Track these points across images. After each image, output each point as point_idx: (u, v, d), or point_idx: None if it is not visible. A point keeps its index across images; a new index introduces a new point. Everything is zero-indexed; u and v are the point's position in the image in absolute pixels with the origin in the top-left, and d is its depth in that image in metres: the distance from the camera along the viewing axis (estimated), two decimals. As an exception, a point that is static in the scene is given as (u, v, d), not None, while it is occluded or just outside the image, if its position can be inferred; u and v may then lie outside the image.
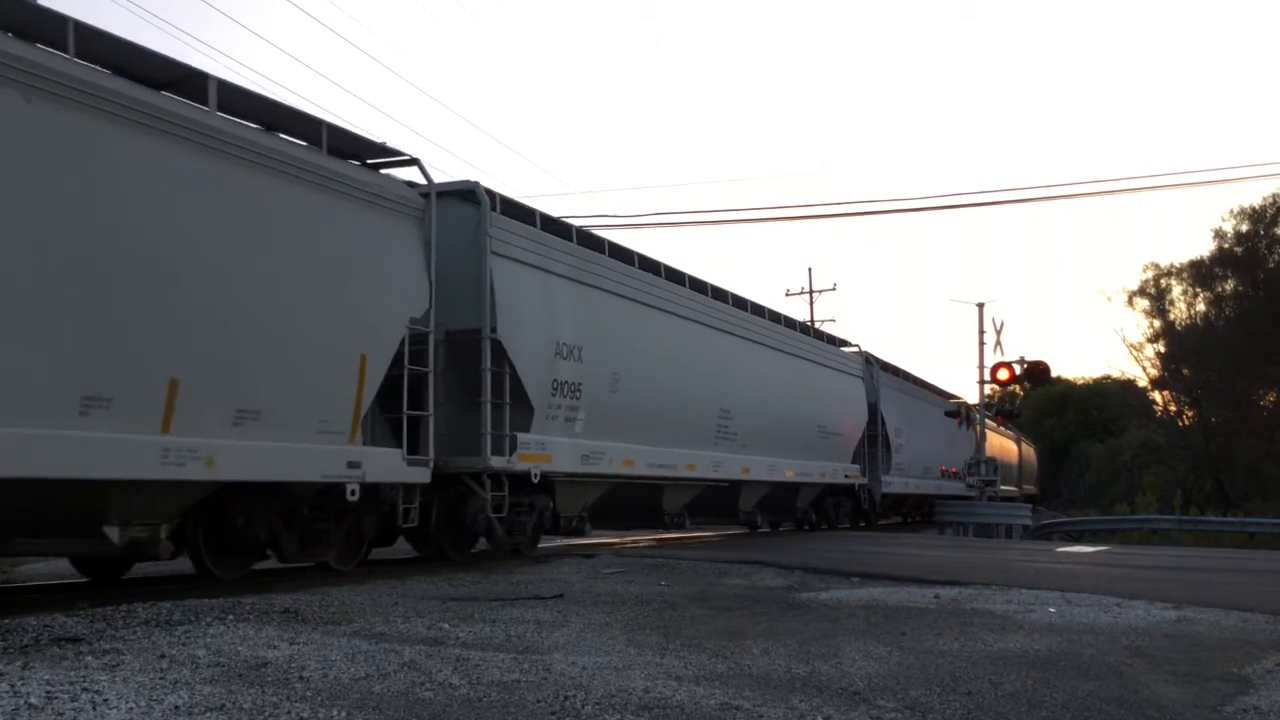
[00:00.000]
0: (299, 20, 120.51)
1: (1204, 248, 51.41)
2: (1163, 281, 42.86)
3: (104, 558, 9.29)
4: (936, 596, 9.09)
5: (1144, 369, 46.77)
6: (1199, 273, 41.26)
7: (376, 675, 5.00)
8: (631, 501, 14.76)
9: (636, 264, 14.42)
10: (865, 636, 6.72)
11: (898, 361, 27.79)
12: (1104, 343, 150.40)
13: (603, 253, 13.66)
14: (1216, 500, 37.13)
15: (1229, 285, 40.50)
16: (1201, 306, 41.97)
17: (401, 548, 12.03)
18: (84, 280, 7.18)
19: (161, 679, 4.65)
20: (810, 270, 77.96)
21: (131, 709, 4.09)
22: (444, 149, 53.42)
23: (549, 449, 12.06)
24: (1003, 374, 28.25)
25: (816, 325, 32.31)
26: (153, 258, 7.68)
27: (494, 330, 11.18)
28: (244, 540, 9.24)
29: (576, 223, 13.33)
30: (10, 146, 6.83)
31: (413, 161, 10.59)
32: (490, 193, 11.49)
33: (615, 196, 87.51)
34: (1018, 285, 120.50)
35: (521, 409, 11.57)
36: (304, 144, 9.40)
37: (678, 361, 15.00)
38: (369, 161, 10.32)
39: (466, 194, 11.38)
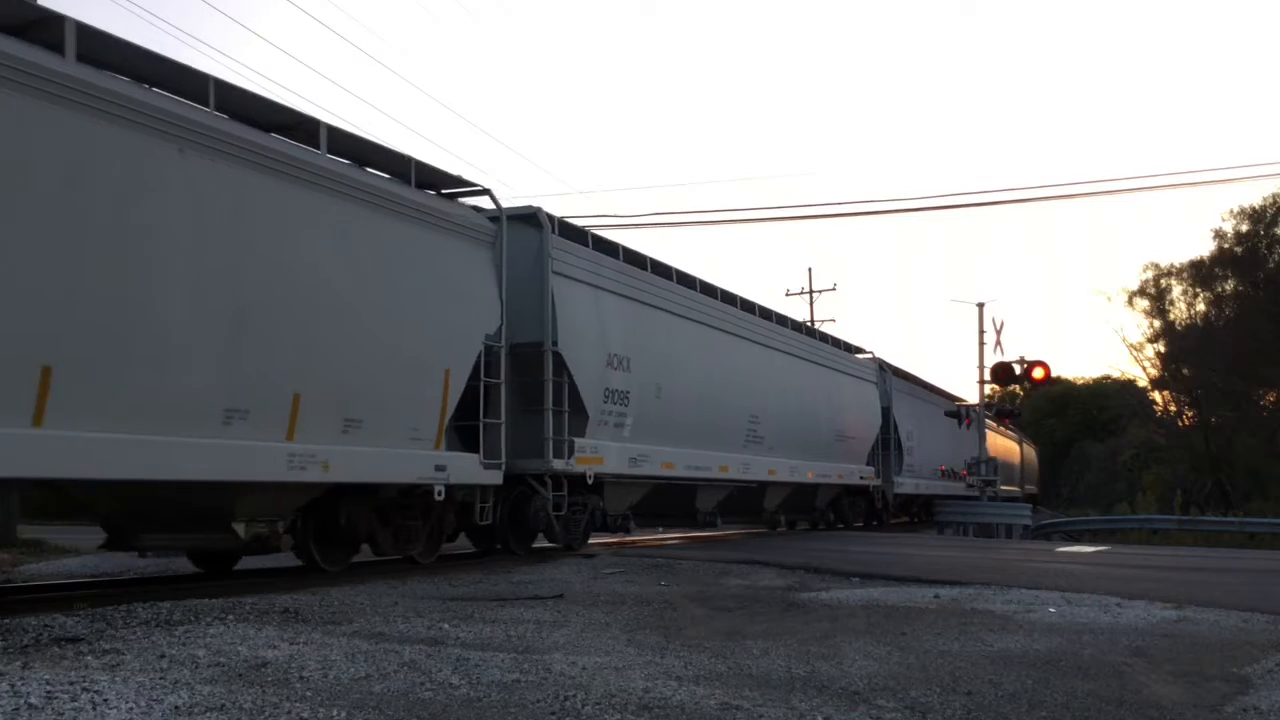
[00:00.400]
0: (299, 20, 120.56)
1: (1204, 248, 51.41)
2: (1163, 281, 42.86)
3: (227, 551, 10.18)
4: (936, 596, 9.09)
5: (1144, 369, 46.78)
6: (1199, 273, 41.24)
7: (376, 675, 5.00)
8: (669, 501, 15.76)
9: (674, 279, 15.47)
10: (865, 636, 6.72)
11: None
12: (1104, 343, 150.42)
13: (645, 269, 14.69)
14: (1216, 500, 37.12)
15: (1229, 285, 40.48)
16: (1201, 306, 41.96)
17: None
18: (229, 309, 8.23)
19: (161, 679, 4.65)
20: (810, 270, 78.12)
21: (131, 709, 4.09)
22: (444, 149, 53.48)
23: (601, 452, 13.11)
24: (1003, 374, 28.25)
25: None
26: (281, 287, 8.70)
27: (555, 343, 12.24)
28: (346, 536, 10.23)
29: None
30: (168, 195, 7.79)
31: (485, 191, 11.70)
32: (550, 216, 12.56)
33: (615, 196, 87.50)
34: (1018, 285, 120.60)
35: (577, 415, 12.65)
36: (392, 177, 10.38)
37: (712, 370, 16.08)
38: (444, 191, 11.29)
39: (529, 218, 12.39)
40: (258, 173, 8.50)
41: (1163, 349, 43.59)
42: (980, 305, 31.49)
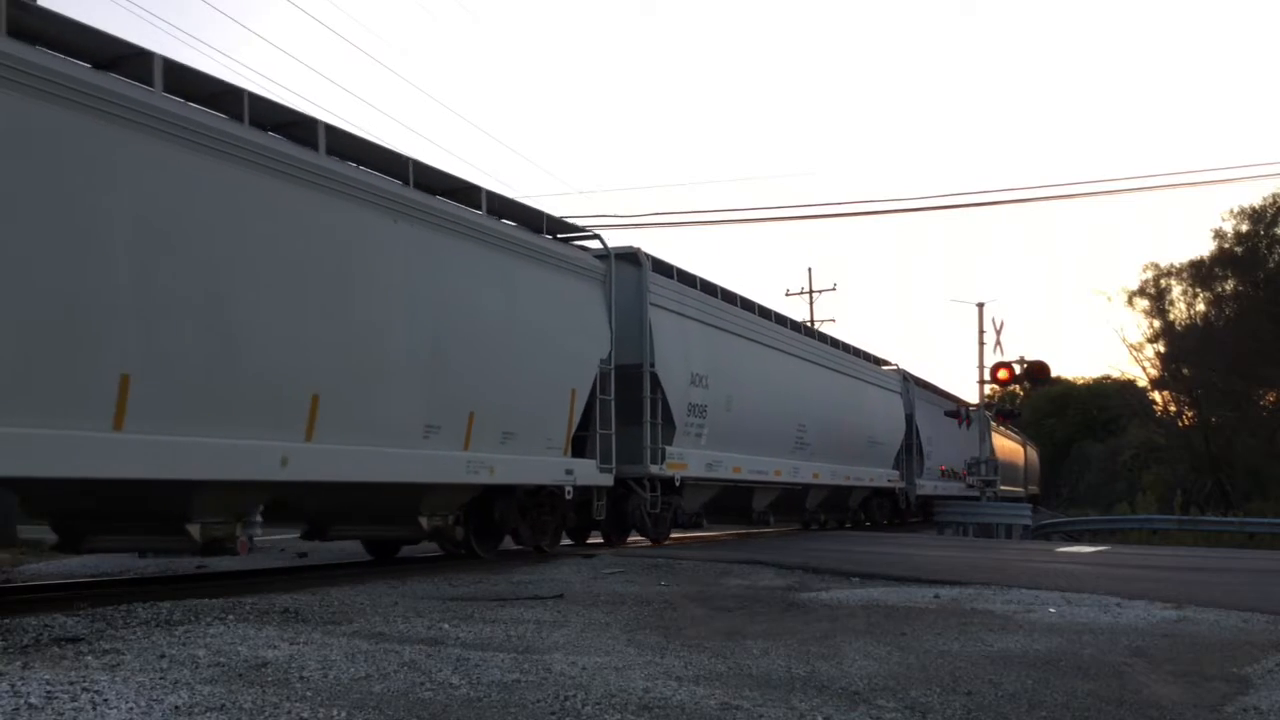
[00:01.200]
0: (299, 20, 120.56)
1: (1204, 248, 51.32)
2: (1163, 281, 42.86)
3: (401, 541, 12.48)
4: (936, 596, 9.09)
5: (1144, 369, 46.76)
6: (1199, 273, 41.23)
7: (376, 675, 5.00)
8: (731, 501, 17.95)
9: (739, 304, 17.64)
10: (865, 636, 6.72)
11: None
12: (1104, 343, 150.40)
13: (716, 297, 16.78)
14: (1216, 500, 37.12)
15: (1229, 285, 40.48)
16: (1201, 306, 41.96)
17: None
18: (430, 347, 10.37)
19: (161, 679, 4.65)
20: (810, 270, 78.09)
21: (131, 709, 4.09)
22: (444, 149, 53.49)
23: (685, 459, 15.18)
24: (1003, 374, 28.25)
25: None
26: (462, 326, 10.85)
27: (652, 365, 14.27)
28: (496, 528, 12.31)
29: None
30: (388, 258, 9.92)
31: (596, 235, 13.84)
32: (647, 255, 14.64)
33: (615, 196, 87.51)
34: (1018, 285, 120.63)
35: (667, 427, 14.61)
36: (525, 227, 12.32)
37: (769, 385, 18.33)
38: (561, 236, 13.20)
39: (630, 256, 14.39)
40: (445, 235, 10.69)
41: (1163, 349, 43.58)
42: (980, 305, 31.52)
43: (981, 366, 30.62)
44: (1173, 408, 46.05)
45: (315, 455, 8.94)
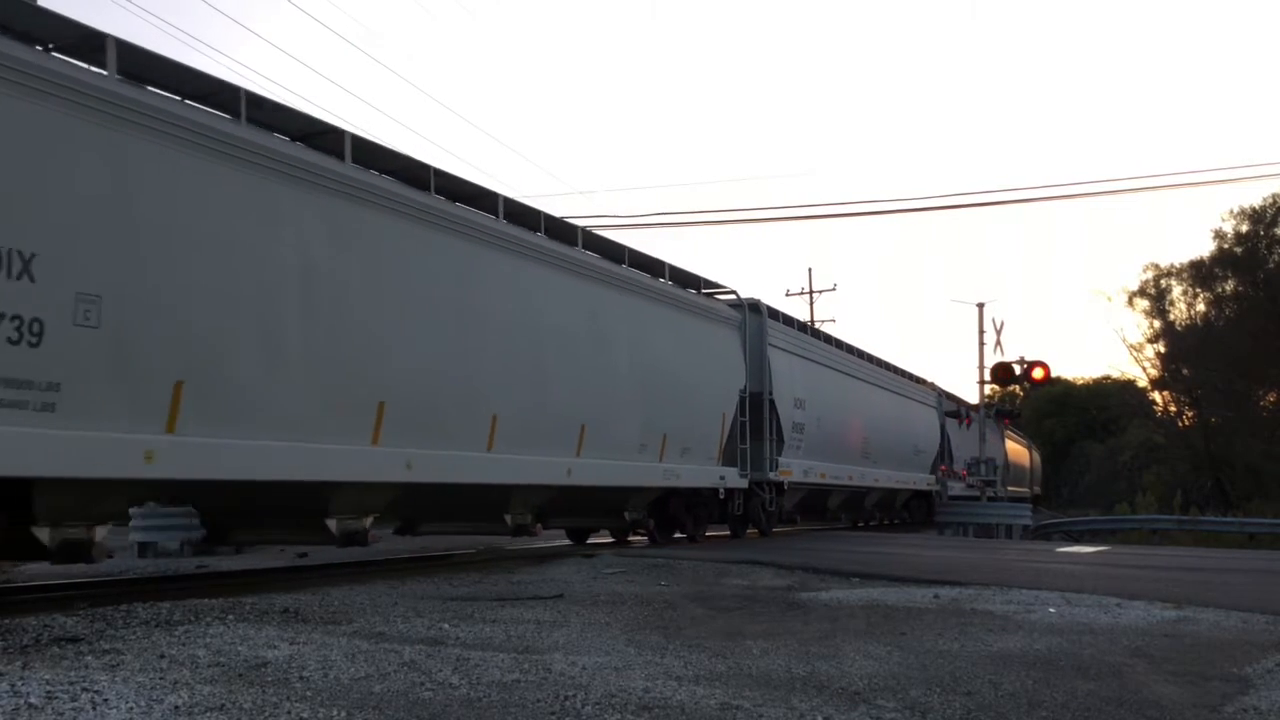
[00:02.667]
0: (299, 20, 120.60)
1: (1204, 248, 51.40)
2: (1163, 282, 42.86)
3: (614, 530, 16.14)
4: (936, 596, 9.09)
5: (1144, 369, 46.77)
6: (1199, 273, 41.23)
7: (376, 675, 5.00)
8: (813, 501, 22.28)
9: (822, 339, 22.37)
10: (865, 636, 6.72)
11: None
12: (1104, 343, 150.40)
13: (808, 334, 21.60)
14: (1216, 500, 37.12)
15: (1229, 285, 40.48)
16: (1201, 307, 41.97)
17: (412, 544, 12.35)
18: (641, 385, 14.04)
19: (161, 679, 4.65)
20: (810, 270, 78.12)
21: (131, 709, 4.09)
22: (444, 149, 53.50)
23: (791, 467, 19.10)
24: (1003, 374, 28.25)
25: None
26: (658, 368, 14.49)
27: (770, 393, 18.12)
28: (671, 521, 16.11)
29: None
30: (618, 321, 13.61)
31: (733, 291, 17.56)
32: (767, 305, 18.74)
33: (615, 196, 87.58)
34: (1018, 285, 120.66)
35: (778, 441, 18.50)
36: (683, 286, 15.84)
37: (846, 405, 22.41)
38: (705, 290, 16.67)
39: (755, 306, 18.24)
40: (647, 301, 14.54)
41: (1163, 349, 43.60)
42: (980, 305, 31.56)
43: (981, 366, 30.66)
44: (1173, 408, 46.06)
45: (584, 467, 12.75)
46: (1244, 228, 39.21)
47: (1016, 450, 45.35)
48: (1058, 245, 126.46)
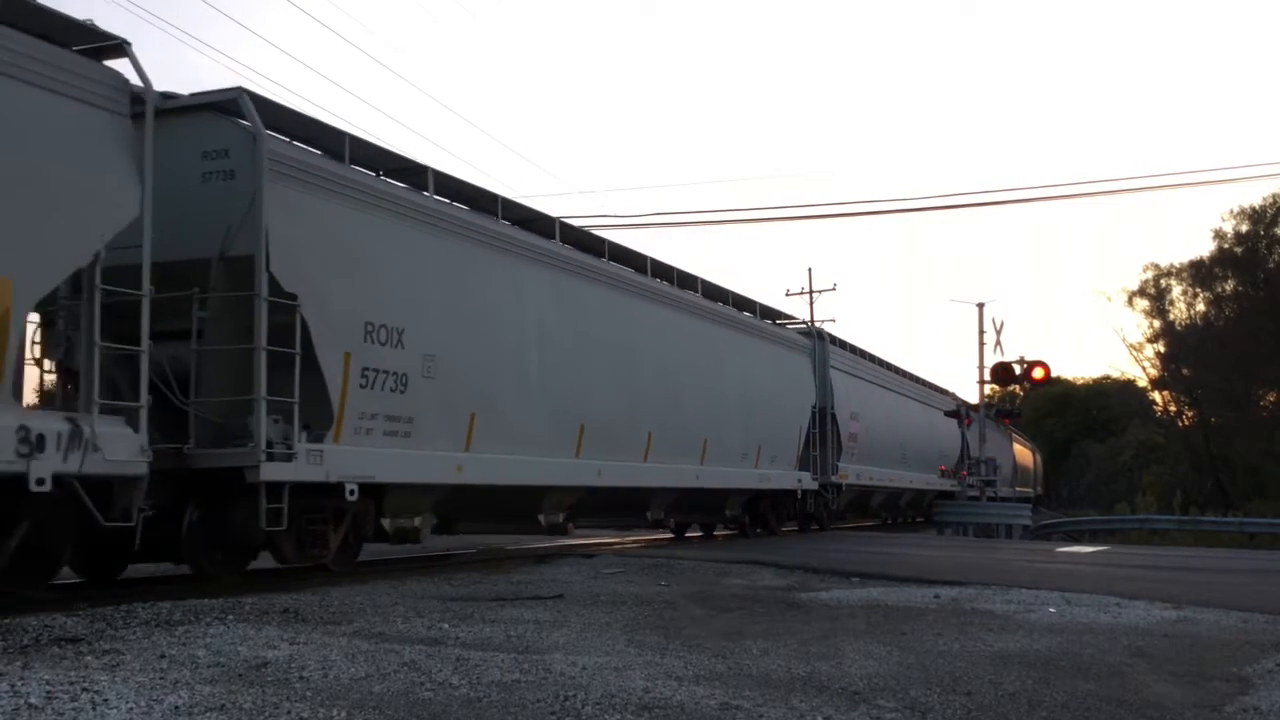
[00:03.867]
0: (299, 20, 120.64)
1: (1204, 248, 51.29)
2: (1163, 281, 42.86)
3: (718, 523, 19.05)
4: (936, 596, 9.09)
5: (1144, 369, 46.77)
6: (1199, 273, 41.22)
7: (376, 675, 5.00)
8: (860, 501, 26.19)
9: (868, 359, 25.96)
10: (865, 636, 6.72)
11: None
12: (1104, 343, 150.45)
13: (859, 355, 25.13)
14: (1216, 500, 37.11)
15: (1229, 285, 40.46)
16: (1201, 306, 41.96)
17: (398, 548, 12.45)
18: (744, 406, 17.36)
19: (161, 679, 4.65)
20: (810, 270, 77.92)
21: (131, 709, 4.09)
22: (444, 149, 53.53)
23: (847, 471, 22.62)
24: (1003, 374, 28.24)
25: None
26: (755, 390, 17.90)
27: (832, 408, 21.72)
28: (760, 517, 19.31)
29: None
30: (727, 353, 17.15)
31: (804, 322, 22.77)
32: (828, 332, 23.20)
33: (615, 196, 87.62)
34: (1018, 285, 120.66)
35: (837, 449, 22.04)
36: (768, 320, 19.84)
37: (889, 416, 26.34)
38: (779, 321, 20.63)
39: (820, 334, 22.67)
40: (746, 335, 18.23)
41: (1163, 349, 43.59)
42: (980, 305, 31.57)
43: (981, 366, 30.66)
44: (1173, 408, 46.06)
45: (706, 473, 16.27)
46: (1244, 228, 39.22)
47: (1023, 453, 47.15)
48: (1058, 245, 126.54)
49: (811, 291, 43.29)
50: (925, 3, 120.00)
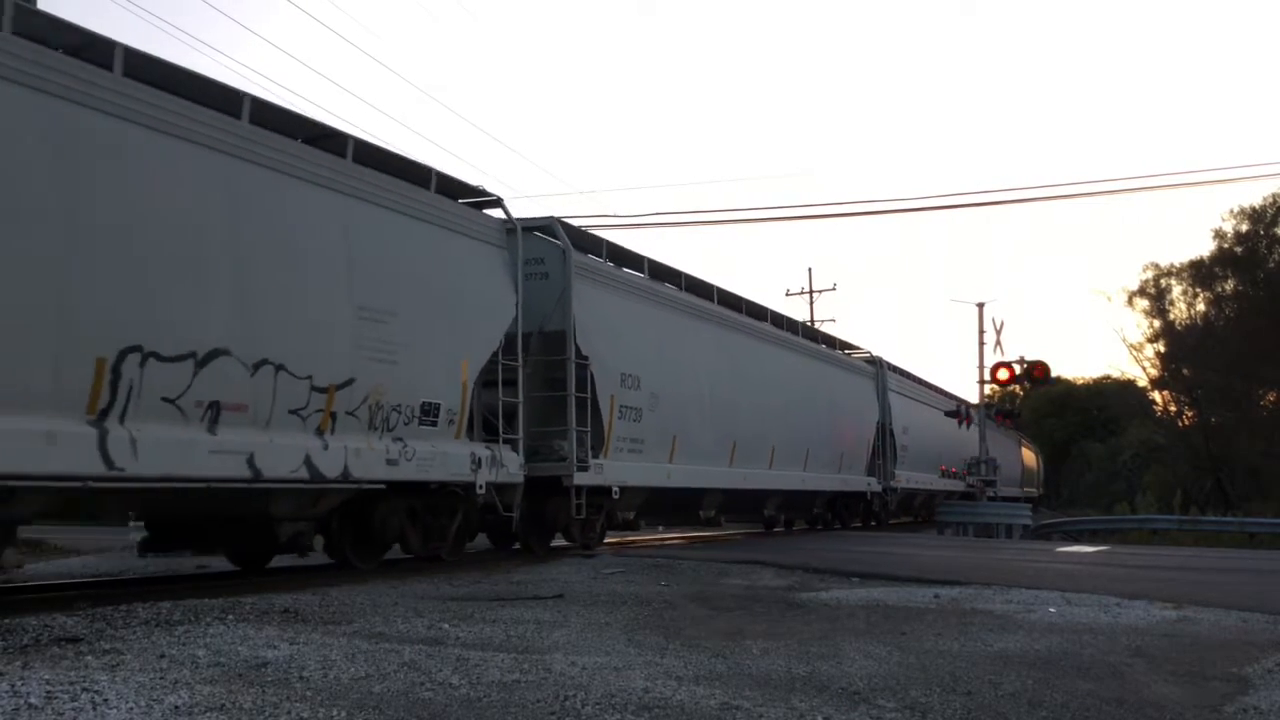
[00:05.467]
0: (299, 20, 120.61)
1: (1204, 248, 51.25)
2: (1163, 281, 42.78)
3: (805, 519, 23.41)
4: (936, 596, 9.09)
5: (1144, 369, 46.70)
6: (1199, 273, 41.18)
7: (376, 675, 5.00)
8: (905, 501, 29.54)
9: (914, 380, 30.15)
10: (865, 636, 6.72)
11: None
12: (1104, 343, 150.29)
13: (907, 378, 29.28)
14: (1216, 500, 37.09)
15: (1229, 285, 40.42)
16: (1201, 306, 41.89)
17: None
18: (831, 421, 21.90)
19: (161, 679, 4.65)
20: (810, 270, 78.19)
21: (131, 709, 4.09)
22: (445, 149, 53.55)
23: (900, 476, 26.63)
24: (1003, 374, 28.24)
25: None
26: (837, 408, 22.25)
27: (890, 424, 25.98)
28: (839, 514, 24.05)
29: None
30: (816, 378, 21.64)
31: (868, 351, 26.32)
32: (886, 361, 26.83)
33: (615, 196, 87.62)
34: (1018, 285, 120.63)
35: (893, 458, 26.07)
36: (834, 346, 24.08)
37: (929, 429, 29.85)
38: (847, 351, 25.03)
39: (879, 361, 26.33)
40: (827, 364, 22.54)
41: (1163, 349, 43.54)
42: (980, 305, 31.52)
43: (981, 366, 30.61)
44: (1173, 408, 46.02)
45: (807, 478, 20.43)
46: (1244, 227, 39.17)
47: (1029, 456, 49.21)
48: (1058, 245, 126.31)
49: (811, 291, 43.40)
50: (926, 2, 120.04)
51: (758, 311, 19.32)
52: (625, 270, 14.75)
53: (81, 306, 7.29)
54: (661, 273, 15.83)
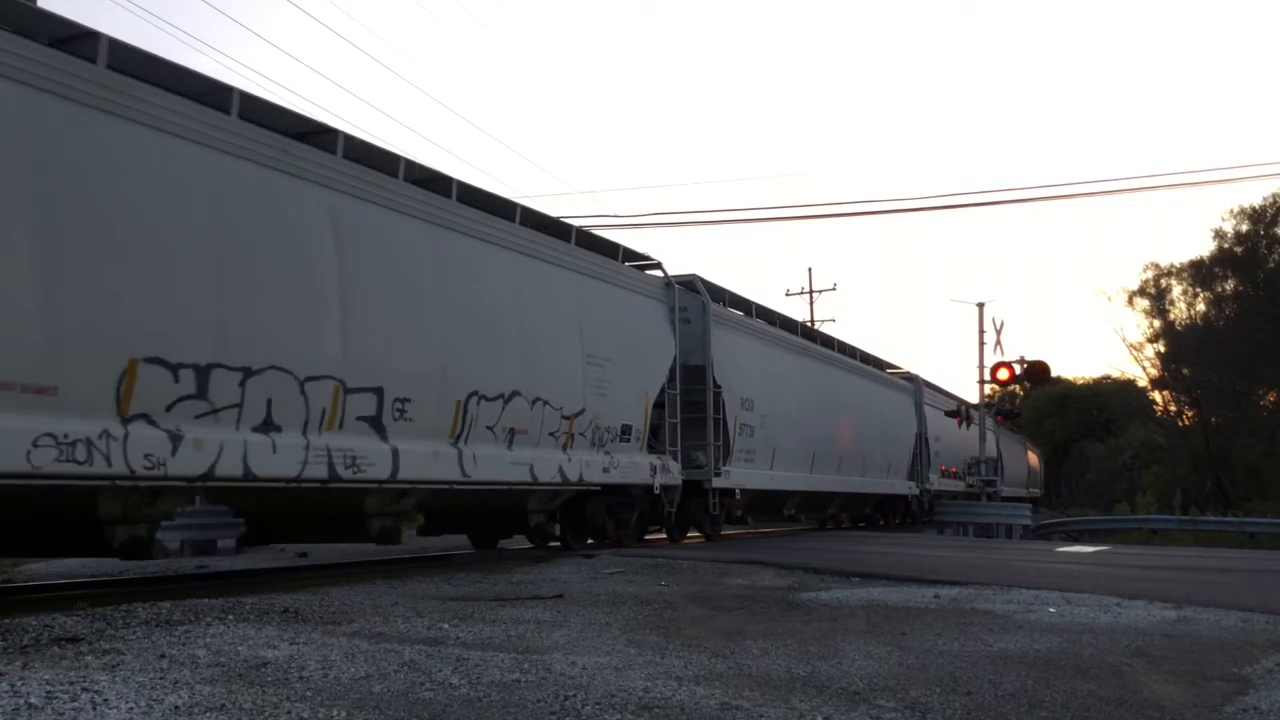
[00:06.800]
0: (299, 20, 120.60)
1: (1204, 248, 51.27)
2: (1163, 281, 42.79)
3: (858, 519, 27.09)
4: (936, 596, 9.08)
5: (1144, 369, 46.70)
6: (1199, 273, 41.17)
7: (376, 675, 5.00)
8: (934, 501, 30.76)
9: (943, 394, 32.85)
10: (865, 636, 6.72)
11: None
12: (1104, 343, 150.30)
13: (936, 391, 31.96)
14: (1216, 500, 37.07)
15: (1229, 285, 40.41)
16: (1201, 306, 41.89)
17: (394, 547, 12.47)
18: (882, 434, 25.59)
19: (161, 679, 4.65)
20: (810, 270, 78.09)
21: (131, 709, 4.09)
22: (444, 149, 53.58)
23: (933, 481, 29.79)
24: (1003, 374, 28.24)
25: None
26: (884, 420, 26.02)
27: (925, 434, 29.14)
28: (885, 515, 27.92)
29: (575, 222, 14.33)
30: (878, 399, 25.95)
31: (907, 370, 29.77)
32: (921, 377, 29.92)
33: (615, 196, 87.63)
34: (1018, 285, 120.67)
35: (927, 463, 29.32)
36: (879, 367, 27.33)
37: (954, 438, 31.33)
38: (889, 370, 28.12)
39: (915, 379, 29.70)
40: (881, 384, 26.76)
41: (1163, 349, 43.54)
42: (980, 305, 31.54)
43: (981, 366, 30.62)
44: (1173, 408, 46.02)
45: (866, 483, 24.05)
46: (1244, 227, 39.16)
47: (1033, 459, 50.87)
48: (1058, 245, 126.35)
49: (811, 291, 43.45)
50: (926, 2, 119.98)
51: (827, 340, 23.80)
52: (733, 310, 18.02)
53: (450, 369, 10.71)
54: (761, 313, 19.67)
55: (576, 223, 14.33)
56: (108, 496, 7.91)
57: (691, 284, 16.39)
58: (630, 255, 14.75)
